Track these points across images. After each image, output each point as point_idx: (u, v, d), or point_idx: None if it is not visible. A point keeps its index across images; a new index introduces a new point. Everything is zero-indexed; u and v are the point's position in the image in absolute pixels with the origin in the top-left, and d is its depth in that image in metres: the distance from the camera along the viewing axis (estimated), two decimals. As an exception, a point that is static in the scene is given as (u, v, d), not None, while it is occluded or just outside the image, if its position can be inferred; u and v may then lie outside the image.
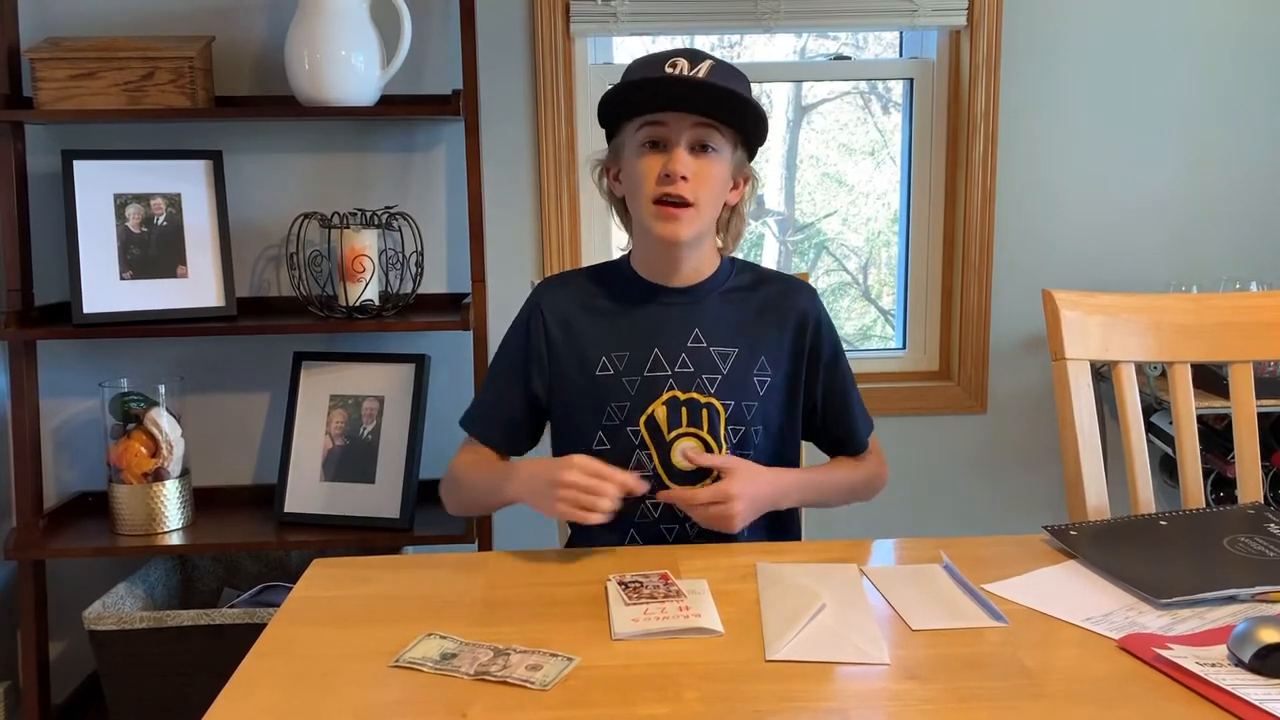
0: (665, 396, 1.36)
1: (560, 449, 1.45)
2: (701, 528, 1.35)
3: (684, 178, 1.30)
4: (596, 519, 1.20)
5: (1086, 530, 1.26)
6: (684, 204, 1.31)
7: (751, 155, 1.41)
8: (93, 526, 2.05)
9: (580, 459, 1.23)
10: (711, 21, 2.19)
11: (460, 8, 2.01)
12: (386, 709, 0.90)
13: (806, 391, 1.43)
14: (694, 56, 1.32)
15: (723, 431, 1.36)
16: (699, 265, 1.41)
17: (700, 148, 1.33)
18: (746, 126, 1.36)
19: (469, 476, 1.43)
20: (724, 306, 1.41)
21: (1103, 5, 2.24)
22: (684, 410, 1.36)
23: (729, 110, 1.32)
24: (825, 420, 1.46)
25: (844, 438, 1.47)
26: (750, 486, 1.30)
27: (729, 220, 1.43)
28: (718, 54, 1.36)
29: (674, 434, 1.36)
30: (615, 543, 1.37)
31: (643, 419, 1.36)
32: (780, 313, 1.42)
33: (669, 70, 1.30)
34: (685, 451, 1.34)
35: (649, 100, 1.32)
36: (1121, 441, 1.41)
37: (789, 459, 1.44)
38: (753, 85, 1.37)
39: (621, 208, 1.44)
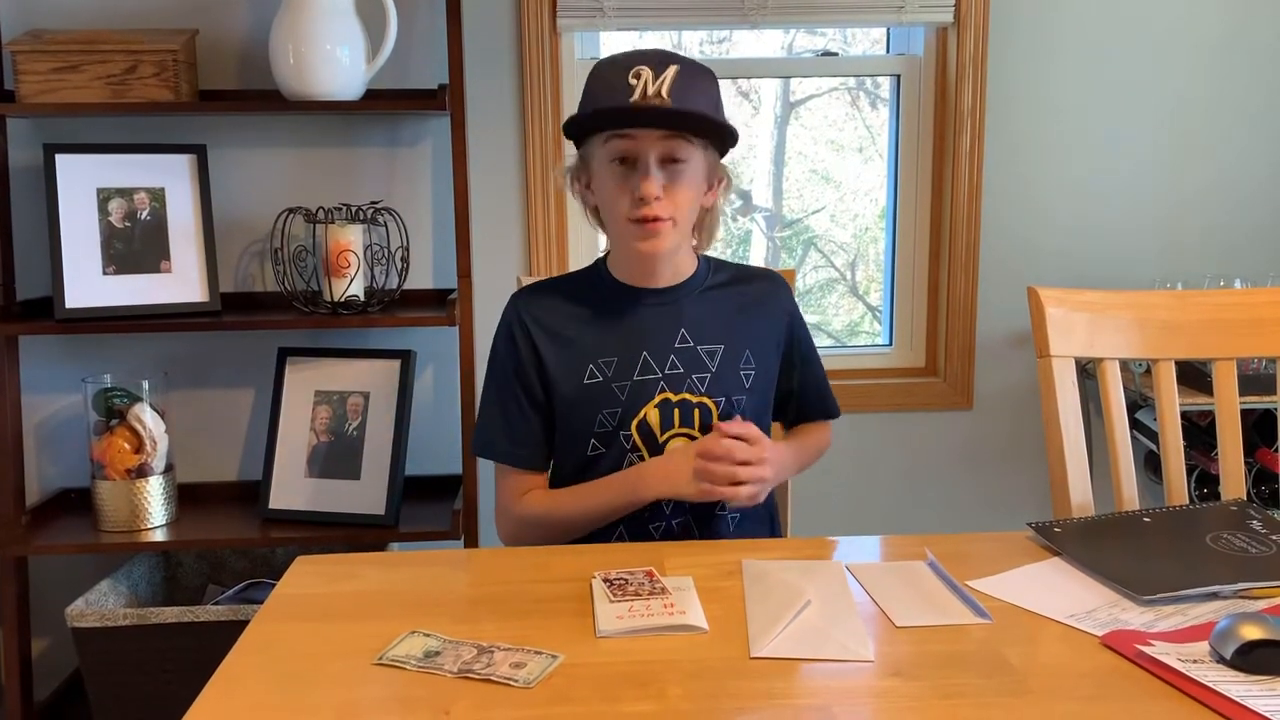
0: (657, 399, 1.36)
1: (557, 459, 1.43)
2: (684, 524, 1.37)
3: (657, 197, 1.29)
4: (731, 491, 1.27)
5: (1070, 527, 1.26)
6: (660, 220, 1.30)
7: (723, 154, 1.40)
8: (75, 523, 2.04)
9: (711, 444, 1.29)
10: (699, 17, 2.18)
11: (446, 2, 2.00)
12: (369, 707, 0.89)
13: (785, 380, 1.47)
14: (658, 63, 1.28)
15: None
16: (678, 267, 1.42)
17: (670, 159, 1.31)
18: (714, 135, 1.34)
19: (566, 508, 1.38)
20: (706, 304, 1.41)
21: (1089, 2, 2.25)
22: (676, 412, 1.36)
23: (695, 126, 1.30)
24: (804, 402, 1.51)
25: (822, 411, 1.54)
26: (772, 452, 1.33)
27: (704, 219, 1.43)
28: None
29: (666, 435, 1.36)
30: (601, 540, 1.38)
31: (635, 423, 1.35)
32: (760, 306, 1.44)
33: (632, 82, 1.27)
34: (717, 425, 1.32)
35: (615, 117, 1.30)
36: (1106, 438, 1.42)
37: None
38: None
39: (596, 213, 1.42)
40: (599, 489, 1.36)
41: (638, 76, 1.28)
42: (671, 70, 1.28)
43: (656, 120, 1.28)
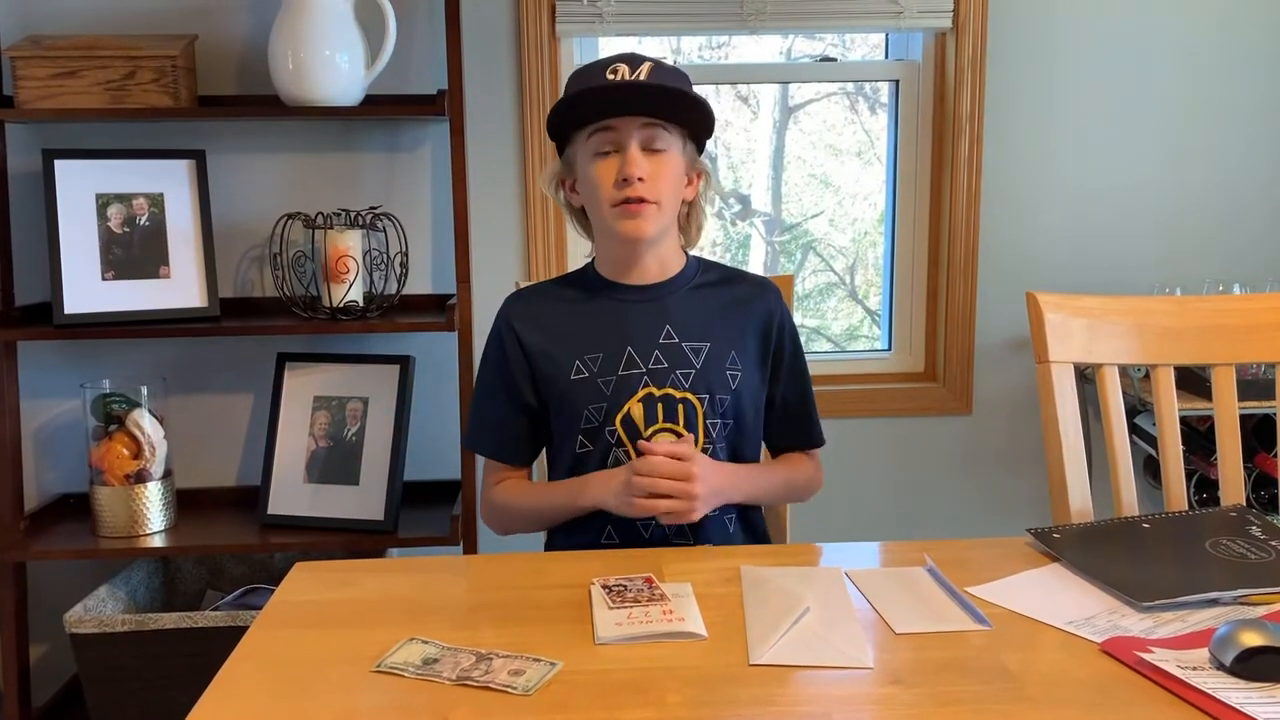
0: (640, 394, 1.37)
1: (553, 458, 1.47)
2: (677, 527, 1.37)
3: (640, 178, 1.33)
4: (664, 507, 1.28)
5: (1069, 533, 1.26)
6: (644, 202, 1.33)
7: (700, 148, 1.44)
8: (74, 528, 2.04)
9: (641, 462, 1.30)
10: (697, 23, 2.18)
11: (445, 7, 2.01)
12: (368, 714, 0.89)
13: (770, 389, 1.46)
14: (633, 60, 1.34)
15: (700, 425, 1.38)
16: (664, 262, 1.43)
17: (651, 148, 1.35)
18: (692, 121, 1.38)
19: (524, 499, 1.44)
20: (693, 302, 1.43)
21: (1088, 7, 2.25)
22: (660, 406, 1.37)
23: (674, 108, 1.35)
24: (786, 417, 1.48)
25: (802, 434, 1.51)
26: (709, 470, 1.32)
27: (688, 215, 1.46)
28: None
29: (650, 430, 1.37)
30: (591, 542, 1.39)
31: (619, 418, 1.36)
32: (748, 310, 1.44)
33: (610, 77, 1.33)
34: (640, 445, 1.33)
35: (596, 108, 1.34)
36: (1105, 443, 1.41)
37: (750, 454, 1.46)
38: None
39: (581, 217, 1.46)
40: (553, 488, 1.42)
41: (614, 71, 1.33)
42: (646, 65, 1.34)
43: (635, 99, 1.32)
